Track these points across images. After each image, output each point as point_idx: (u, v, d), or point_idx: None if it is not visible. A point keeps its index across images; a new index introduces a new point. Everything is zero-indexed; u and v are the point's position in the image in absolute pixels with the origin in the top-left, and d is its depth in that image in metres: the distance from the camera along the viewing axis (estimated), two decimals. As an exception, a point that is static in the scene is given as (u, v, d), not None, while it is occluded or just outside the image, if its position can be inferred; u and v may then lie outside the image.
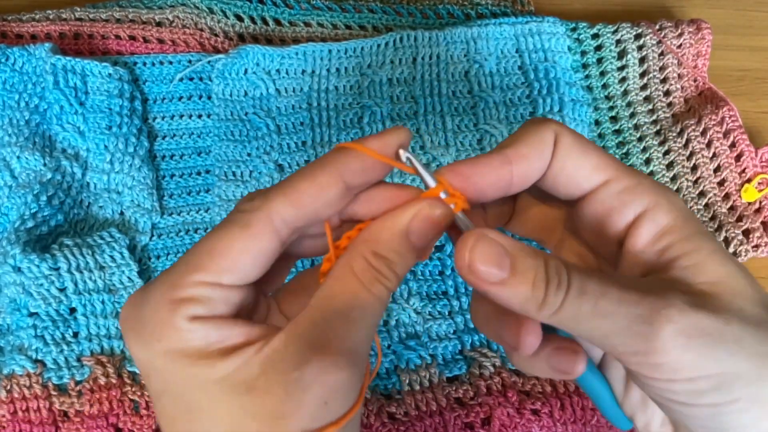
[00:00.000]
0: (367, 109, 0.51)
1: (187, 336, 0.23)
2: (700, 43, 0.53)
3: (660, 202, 0.25)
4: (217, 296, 0.24)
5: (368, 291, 0.25)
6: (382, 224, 0.26)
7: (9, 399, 0.42)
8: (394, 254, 0.25)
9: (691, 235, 0.25)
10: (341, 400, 0.24)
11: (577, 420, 0.41)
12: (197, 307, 0.24)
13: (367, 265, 0.25)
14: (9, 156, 0.47)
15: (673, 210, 0.25)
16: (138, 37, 0.53)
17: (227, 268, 0.24)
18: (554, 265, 0.24)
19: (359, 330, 0.24)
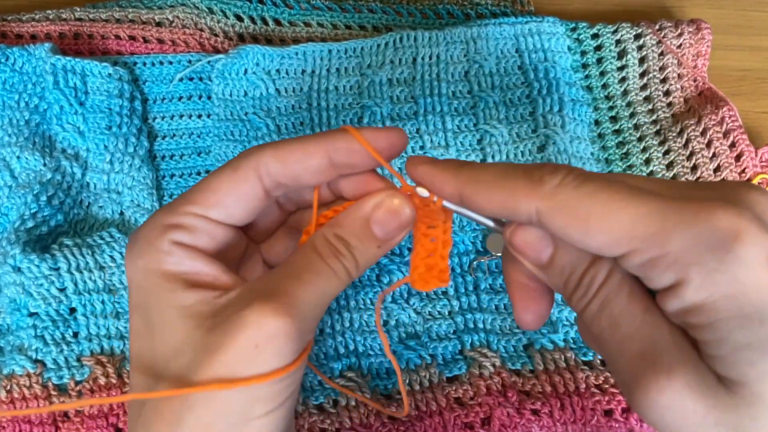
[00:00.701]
0: (367, 109, 0.51)
1: (164, 258, 0.26)
2: (700, 43, 0.53)
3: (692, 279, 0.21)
4: (202, 227, 0.27)
5: (323, 261, 0.27)
6: (348, 210, 0.28)
7: (9, 399, 0.42)
8: (354, 238, 0.28)
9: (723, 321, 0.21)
10: (273, 351, 0.25)
11: (577, 420, 0.41)
12: (183, 234, 0.26)
13: (326, 242, 0.27)
14: (9, 156, 0.47)
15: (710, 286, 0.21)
16: (138, 37, 0.54)
17: (214, 203, 0.27)
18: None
19: (307, 291, 0.26)
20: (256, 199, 0.28)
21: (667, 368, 0.22)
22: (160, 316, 0.26)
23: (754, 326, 0.21)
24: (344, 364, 0.43)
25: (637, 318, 0.24)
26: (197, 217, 0.27)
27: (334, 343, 0.44)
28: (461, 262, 0.46)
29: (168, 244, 0.26)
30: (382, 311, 0.45)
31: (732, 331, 0.21)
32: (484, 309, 0.45)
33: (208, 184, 0.27)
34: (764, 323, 0.21)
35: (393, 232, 0.28)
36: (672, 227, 0.21)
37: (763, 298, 0.21)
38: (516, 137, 0.51)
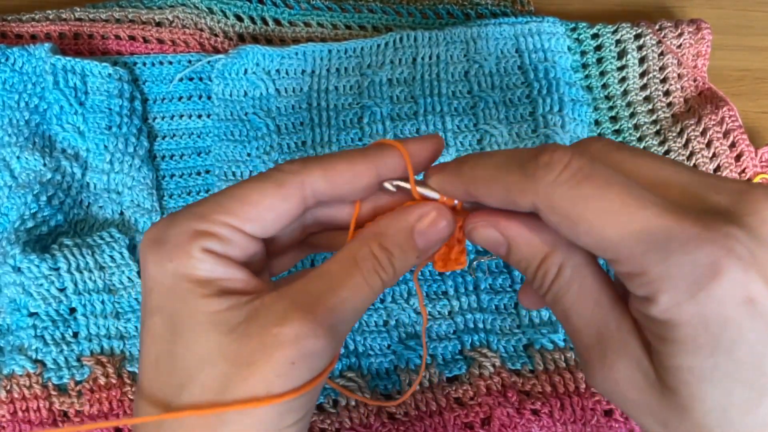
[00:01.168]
0: (367, 109, 0.51)
1: (196, 264, 0.25)
2: (700, 43, 0.53)
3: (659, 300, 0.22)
4: (235, 240, 0.26)
5: (363, 279, 0.26)
6: (391, 220, 0.28)
7: (9, 399, 0.42)
8: (397, 249, 0.27)
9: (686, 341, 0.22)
10: (308, 368, 0.25)
11: (577, 420, 0.41)
12: (215, 243, 0.26)
13: (369, 255, 0.27)
14: (9, 156, 0.47)
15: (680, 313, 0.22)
16: (138, 37, 0.54)
17: (252, 218, 0.26)
18: None
19: (344, 310, 0.26)
20: (295, 216, 0.28)
21: (610, 362, 0.24)
22: (189, 321, 0.25)
23: (703, 355, 0.22)
24: (344, 364, 0.43)
25: (585, 313, 0.25)
26: (232, 229, 0.26)
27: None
28: (461, 262, 0.46)
29: (199, 251, 0.25)
30: (382, 311, 0.45)
31: (682, 352, 0.22)
32: (484, 309, 0.45)
33: (247, 196, 0.26)
34: (713, 355, 0.21)
35: (433, 243, 0.28)
36: (655, 254, 0.22)
37: (719, 332, 0.21)
38: (516, 137, 0.51)
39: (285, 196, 0.26)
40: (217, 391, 0.24)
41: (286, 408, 0.25)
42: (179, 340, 0.25)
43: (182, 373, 0.25)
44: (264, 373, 0.24)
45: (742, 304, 0.21)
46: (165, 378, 0.26)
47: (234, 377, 0.24)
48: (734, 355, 0.21)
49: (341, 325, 0.26)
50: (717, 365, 0.21)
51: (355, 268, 0.26)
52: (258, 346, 0.24)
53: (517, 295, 0.30)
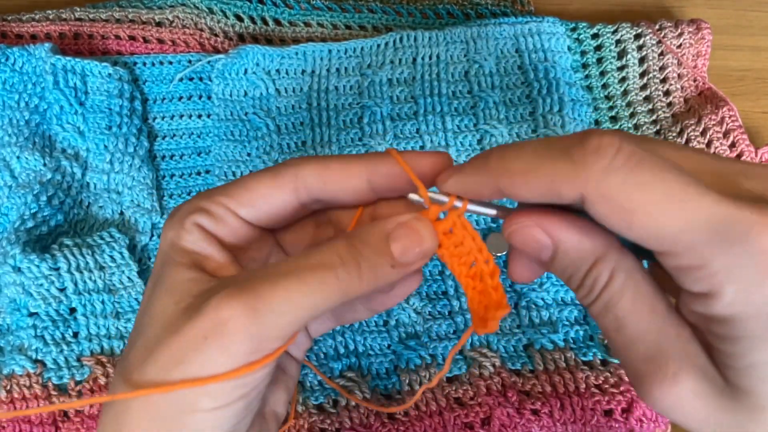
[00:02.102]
0: (367, 109, 0.51)
1: (184, 234, 0.27)
2: (700, 43, 0.53)
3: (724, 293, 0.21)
4: (227, 220, 0.28)
5: (312, 270, 0.25)
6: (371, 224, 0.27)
7: (9, 399, 0.42)
8: (368, 249, 0.26)
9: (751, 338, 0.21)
10: (220, 346, 0.23)
11: (577, 420, 0.41)
12: (207, 219, 0.27)
13: (332, 251, 0.25)
14: (9, 156, 0.47)
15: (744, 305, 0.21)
16: (138, 37, 0.54)
17: (246, 202, 0.28)
18: None
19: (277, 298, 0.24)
20: (289, 208, 0.28)
21: (672, 374, 0.22)
22: (161, 284, 0.26)
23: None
24: (344, 364, 0.43)
25: (642, 321, 0.23)
26: (226, 209, 0.28)
27: (334, 343, 0.44)
28: (461, 262, 0.46)
29: (190, 223, 0.27)
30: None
31: (754, 348, 0.21)
32: (484, 309, 0.45)
33: (245, 182, 0.28)
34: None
35: (411, 255, 0.26)
36: (719, 244, 0.20)
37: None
38: (516, 137, 0.50)
39: (278, 186, 0.28)
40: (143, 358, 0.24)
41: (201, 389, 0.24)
42: (153, 301, 0.26)
43: (137, 331, 0.26)
44: (180, 342, 0.24)
45: None
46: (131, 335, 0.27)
47: (159, 343, 0.24)
48: None
49: (270, 314, 0.24)
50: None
51: (307, 259, 0.25)
52: (187, 315, 0.24)
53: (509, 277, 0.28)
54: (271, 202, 0.28)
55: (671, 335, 0.23)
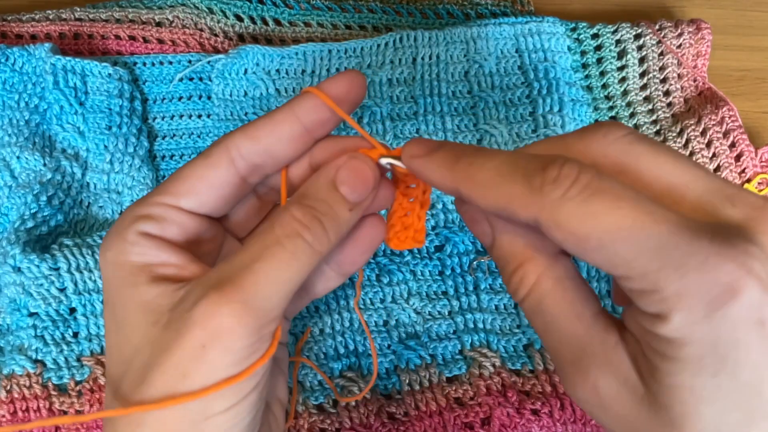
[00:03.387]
0: (367, 109, 0.51)
1: (129, 248, 0.25)
2: (700, 43, 0.53)
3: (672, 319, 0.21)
4: (172, 217, 0.26)
5: (282, 246, 0.24)
6: (312, 179, 0.27)
7: (9, 399, 0.42)
8: (322, 204, 0.26)
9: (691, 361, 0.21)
10: (222, 350, 0.23)
11: (577, 420, 0.41)
12: (150, 224, 0.25)
13: (289, 218, 0.25)
14: (9, 156, 0.47)
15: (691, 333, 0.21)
16: (138, 37, 0.54)
17: (185, 192, 0.26)
18: None
19: (259, 282, 0.24)
20: (230, 186, 0.27)
21: (593, 379, 0.23)
22: (123, 311, 0.25)
23: (706, 375, 0.21)
24: (344, 364, 0.43)
25: (566, 327, 0.24)
26: (167, 207, 0.26)
27: (334, 343, 0.44)
28: (461, 262, 0.46)
29: (134, 234, 0.25)
30: (382, 311, 0.45)
31: (684, 371, 0.21)
32: (484, 309, 0.45)
33: (179, 174, 0.27)
34: (716, 375, 0.21)
35: (361, 192, 0.27)
36: (672, 270, 0.20)
37: (726, 353, 0.21)
38: (516, 137, 0.51)
39: (213, 164, 0.26)
40: (138, 382, 0.24)
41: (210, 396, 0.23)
42: (120, 332, 0.25)
43: (121, 360, 0.25)
44: (177, 358, 0.23)
45: (754, 325, 0.20)
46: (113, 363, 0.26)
47: (152, 365, 0.24)
48: (737, 376, 0.21)
49: (261, 302, 0.24)
50: (719, 386, 0.21)
51: (270, 236, 0.25)
52: (173, 332, 0.23)
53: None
54: (211, 183, 0.26)
55: (595, 342, 0.23)
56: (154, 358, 0.24)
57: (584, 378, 0.23)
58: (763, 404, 0.21)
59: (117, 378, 0.25)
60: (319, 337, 0.44)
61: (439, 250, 0.47)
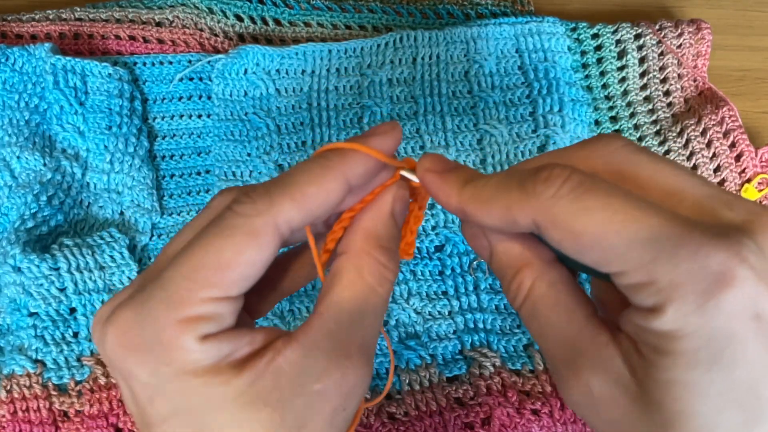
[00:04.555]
0: (367, 109, 0.51)
1: (199, 357, 0.22)
2: (700, 43, 0.53)
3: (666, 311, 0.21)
4: (226, 310, 0.23)
5: (376, 292, 0.25)
6: (373, 214, 0.26)
7: (9, 399, 0.42)
8: (393, 241, 0.26)
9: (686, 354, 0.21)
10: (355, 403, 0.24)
11: (577, 420, 0.41)
12: (208, 325, 0.23)
13: (376, 264, 0.25)
14: (9, 156, 0.47)
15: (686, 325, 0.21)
16: (138, 37, 0.54)
17: (234, 281, 0.23)
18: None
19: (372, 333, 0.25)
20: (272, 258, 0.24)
21: (584, 376, 0.23)
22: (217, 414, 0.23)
23: (701, 370, 0.21)
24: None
25: (560, 329, 0.24)
26: (219, 301, 0.23)
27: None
28: (461, 262, 0.46)
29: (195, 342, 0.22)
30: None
31: (678, 364, 0.21)
32: (484, 309, 0.45)
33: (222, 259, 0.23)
34: (711, 370, 0.20)
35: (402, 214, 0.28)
36: (666, 260, 0.20)
37: (722, 347, 0.20)
38: (516, 137, 0.51)
39: (261, 245, 0.23)
40: None
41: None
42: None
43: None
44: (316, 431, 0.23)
45: (750, 319, 0.20)
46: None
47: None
48: (733, 373, 0.20)
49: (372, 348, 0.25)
50: (713, 382, 0.20)
51: (365, 286, 0.25)
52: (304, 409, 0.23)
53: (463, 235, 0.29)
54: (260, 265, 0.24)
55: (587, 342, 0.24)
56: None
57: (577, 378, 0.23)
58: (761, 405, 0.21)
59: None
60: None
61: (439, 250, 0.47)
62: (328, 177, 0.25)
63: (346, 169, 0.25)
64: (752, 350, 0.20)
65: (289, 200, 0.24)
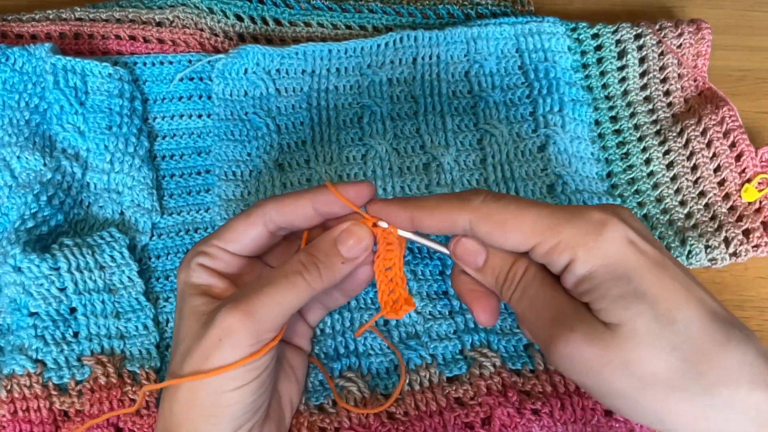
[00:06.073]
0: (367, 108, 0.51)
1: (191, 273, 0.37)
2: (700, 43, 0.53)
3: (579, 256, 0.30)
4: (221, 256, 0.37)
5: (285, 277, 0.35)
6: (323, 235, 0.37)
7: (9, 399, 0.42)
8: (322, 255, 0.36)
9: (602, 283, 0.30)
10: (230, 344, 0.33)
11: (577, 420, 0.41)
12: (206, 259, 0.37)
13: (296, 260, 0.35)
14: (9, 156, 0.47)
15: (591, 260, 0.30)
16: (138, 37, 0.54)
17: (231, 239, 0.37)
18: None
19: (262, 300, 0.34)
20: (263, 238, 0.38)
21: (570, 327, 0.31)
22: (183, 312, 0.36)
23: (623, 283, 0.30)
24: (344, 364, 0.43)
25: (547, 296, 0.33)
26: (218, 249, 0.37)
27: (334, 343, 0.44)
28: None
29: (195, 264, 0.37)
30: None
31: (609, 288, 0.30)
32: (484, 309, 0.45)
33: (228, 225, 0.37)
34: (630, 281, 0.30)
35: (354, 251, 0.36)
36: (562, 222, 0.31)
37: (626, 264, 0.30)
38: (516, 137, 0.51)
39: (251, 224, 0.37)
40: (180, 360, 0.34)
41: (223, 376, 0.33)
42: (179, 326, 0.37)
43: (174, 348, 0.36)
44: (203, 346, 0.33)
45: (627, 243, 0.30)
46: (171, 353, 0.37)
47: (190, 348, 0.34)
48: (643, 277, 0.29)
49: (262, 315, 0.33)
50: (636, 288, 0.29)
51: (281, 271, 0.35)
52: (205, 328, 0.34)
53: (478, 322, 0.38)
54: (249, 236, 0.37)
55: (567, 303, 0.32)
56: (193, 344, 0.34)
57: (563, 330, 0.31)
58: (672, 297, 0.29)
59: (172, 354, 0.37)
60: (320, 337, 0.44)
61: (439, 250, 0.47)
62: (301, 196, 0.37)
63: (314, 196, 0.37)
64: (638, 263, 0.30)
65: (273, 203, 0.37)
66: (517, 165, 0.50)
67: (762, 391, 0.28)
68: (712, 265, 0.47)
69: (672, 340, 0.29)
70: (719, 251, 0.47)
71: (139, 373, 0.43)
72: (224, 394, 0.34)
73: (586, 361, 0.30)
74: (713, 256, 0.47)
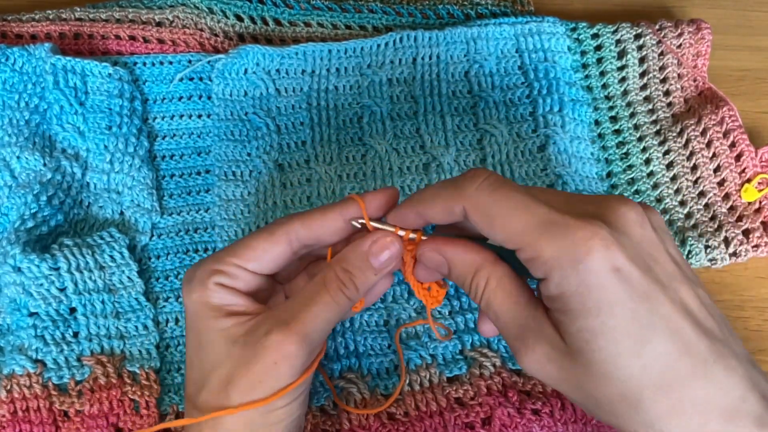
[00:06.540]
0: (367, 108, 0.51)
1: (211, 294, 0.35)
2: (700, 43, 0.53)
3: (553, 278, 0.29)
4: (240, 275, 0.36)
5: (330, 296, 0.35)
6: (350, 247, 0.36)
7: (9, 399, 0.42)
8: (357, 270, 0.36)
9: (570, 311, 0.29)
10: (287, 366, 0.33)
11: (577, 420, 0.41)
12: (225, 278, 0.35)
13: (334, 276, 0.35)
14: (9, 156, 0.47)
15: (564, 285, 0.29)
16: (138, 37, 0.54)
17: (252, 258, 0.36)
18: None
19: (315, 321, 0.34)
20: (284, 257, 0.37)
21: (531, 346, 0.31)
22: (207, 336, 0.35)
23: (591, 316, 0.29)
24: (344, 364, 0.43)
25: (510, 311, 0.32)
26: (237, 267, 0.36)
27: (333, 343, 0.44)
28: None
29: (213, 284, 0.35)
30: (382, 311, 0.45)
31: (575, 317, 0.29)
32: (484, 309, 0.45)
33: (249, 243, 0.36)
34: (598, 315, 0.28)
35: (386, 262, 0.36)
36: (547, 239, 0.29)
37: (600, 295, 0.28)
38: (516, 137, 0.51)
39: (274, 242, 0.36)
40: (222, 387, 0.34)
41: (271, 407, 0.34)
42: (202, 350, 0.35)
43: (202, 374, 0.35)
44: (256, 370, 0.33)
45: (610, 271, 0.28)
46: (194, 378, 0.36)
47: (235, 374, 0.33)
48: (614, 312, 0.28)
49: (313, 333, 0.34)
50: (603, 323, 0.28)
51: (323, 288, 0.35)
52: (251, 351, 0.33)
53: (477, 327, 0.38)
54: (272, 256, 0.36)
55: (529, 319, 0.32)
56: (237, 369, 0.33)
57: (527, 348, 0.31)
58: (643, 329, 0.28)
59: (197, 388, 0.35)
60: (320, 337, 0.44)
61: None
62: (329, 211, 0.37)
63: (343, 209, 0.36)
64: (621, 293, 0.28)
65: (299, 220, 0.36)
66: (517, 165, 0.50)
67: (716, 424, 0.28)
68: (712, 265, 0.47)
69: (630, 374, 0.28)
70: (719, 251, 0.47)
71: (138, 373, 0.43)
72: (275, 412, 0.34)
73: (548, 375, 0.31)
74: (713, 256, 0.47)
